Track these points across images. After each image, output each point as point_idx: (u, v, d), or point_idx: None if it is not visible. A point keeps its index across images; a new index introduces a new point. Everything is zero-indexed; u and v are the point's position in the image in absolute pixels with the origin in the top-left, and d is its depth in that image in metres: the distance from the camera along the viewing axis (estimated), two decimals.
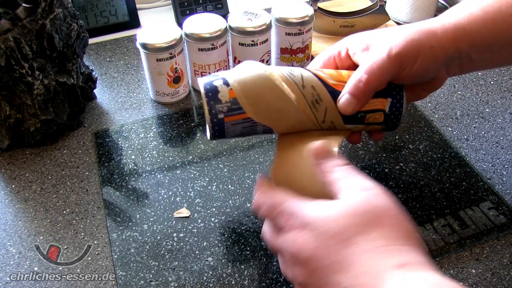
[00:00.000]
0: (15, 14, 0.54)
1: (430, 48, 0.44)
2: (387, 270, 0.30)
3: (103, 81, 0.73)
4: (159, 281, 0.47)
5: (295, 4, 0.68)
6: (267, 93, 0.43)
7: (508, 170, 0.57)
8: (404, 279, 0.29)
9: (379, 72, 0.43)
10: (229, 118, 0.43)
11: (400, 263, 0.31)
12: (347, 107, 0.43)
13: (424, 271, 0.31)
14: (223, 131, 0.44)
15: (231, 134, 0.44)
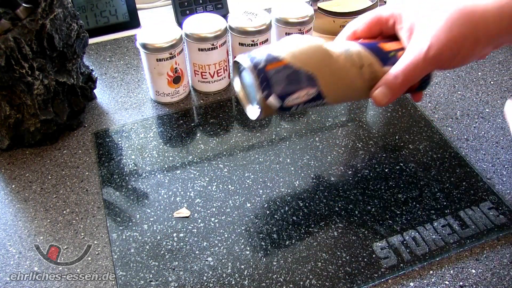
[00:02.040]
0: (15, 14, 0.54)
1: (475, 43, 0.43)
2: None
3: (103, 81, 0.73)
4: (159, 281, 0.47)
5: (295, 4, 0.68)
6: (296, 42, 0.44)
7: (508, 170, 0.57)
8: None
9: (414, 73, 0.44)
10: (270, 66, 0.43)
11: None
12: (382, 99, 0.46)
13: None
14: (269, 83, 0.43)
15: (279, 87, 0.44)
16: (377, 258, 0.48)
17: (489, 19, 0.42)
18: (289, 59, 0.43)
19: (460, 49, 0.43)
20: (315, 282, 0.46)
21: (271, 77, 0.43)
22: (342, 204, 0.54)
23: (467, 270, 0.47)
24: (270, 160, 0.59)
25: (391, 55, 0.46)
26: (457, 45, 0.43)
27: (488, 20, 0.42)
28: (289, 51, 0.44)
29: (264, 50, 0.45)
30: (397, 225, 0.51)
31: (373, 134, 0.62)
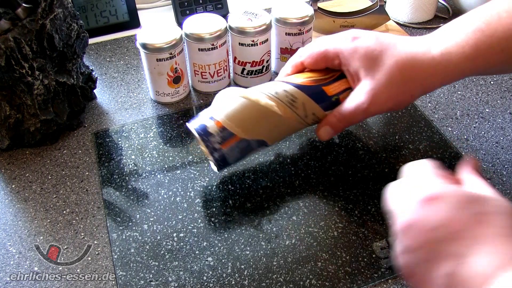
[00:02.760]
0: (15, 14, 0.54)
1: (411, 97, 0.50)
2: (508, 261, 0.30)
3: (103, 81, 0.73)
4: (159, 281, 0.47)
5: (295, 4, 0.68)
6: (247, 111, 0.49)
7: (508, 170, 0.57)
8: None
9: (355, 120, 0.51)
10: (224, 145, 0.49)
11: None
12: (325, 136, 0.52)
13: None
14: (225, 159, 0.50)
15: (233, 159, 0.51)
16: (377, 258, 0.48)
17: (429, 72, 0.47)
18: (242, 134, 0.49)
19: (397, 104, 0.50)
20: (315, 282, 0.46)
21: (227, 155, 0.50)
22: (342, 204, 0.54)
23: None
24: (270, 160, 0.59)
25: (334, 99, 0.51)
26: (394, 101, 0.49)
27: (428, 73, 0.47)
28: (239, 122, 0.49)
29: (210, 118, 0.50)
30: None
31: (373, 134, 0.62)
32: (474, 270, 0.30)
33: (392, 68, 0.47)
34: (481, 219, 0.32)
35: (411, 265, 0.34)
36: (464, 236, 0.32)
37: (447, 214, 0.33)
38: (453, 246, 0.32)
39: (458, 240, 0.32)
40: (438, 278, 0.32)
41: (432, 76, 0.47)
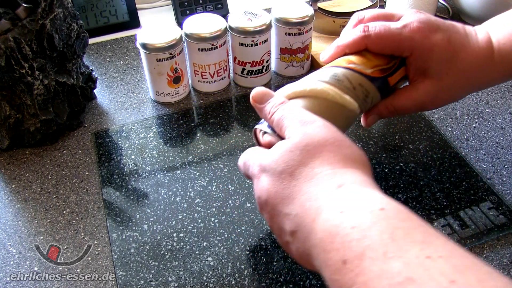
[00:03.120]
0: (15, 14, 0.54)
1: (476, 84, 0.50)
2: (326, 192, 0.33)
3: (103, 81, 0.73)
4: (159, 281, 0.47)
5: (295, 4, 0.68)
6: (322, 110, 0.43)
7: (508, 170, 0.57)
8: (340, 198, 0.32)
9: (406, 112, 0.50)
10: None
11: (337, 185, 0.33)
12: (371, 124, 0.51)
13: (358, 187, 0.33)
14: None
15: None
16: None
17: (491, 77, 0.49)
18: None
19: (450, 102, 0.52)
20: (315, 282, 0.46)
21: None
22: None
23: None
24: None
25: (392, 87, 0.48)
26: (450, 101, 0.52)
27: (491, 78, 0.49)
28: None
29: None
30: None
31: (373, 134, 0.62)
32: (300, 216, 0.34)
33: (460, 73, 0.47)
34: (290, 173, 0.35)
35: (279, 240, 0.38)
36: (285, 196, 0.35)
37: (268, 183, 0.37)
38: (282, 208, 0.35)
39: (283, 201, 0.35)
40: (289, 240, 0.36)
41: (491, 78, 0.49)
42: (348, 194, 0.32)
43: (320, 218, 0.32)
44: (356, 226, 0.29)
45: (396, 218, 0.29)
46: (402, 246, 0.27)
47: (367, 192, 0.32)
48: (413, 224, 0.29)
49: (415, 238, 0.27)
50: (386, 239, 0.27)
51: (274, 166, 0.36)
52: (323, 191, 0.33)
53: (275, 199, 0.36)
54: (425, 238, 0.27)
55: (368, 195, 0.32)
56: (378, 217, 0.29)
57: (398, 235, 0.27)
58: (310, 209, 0.33)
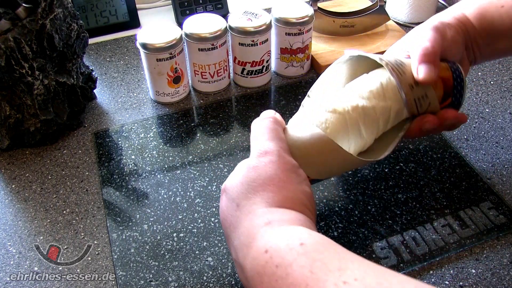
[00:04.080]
0: (15, 14, 0.54)
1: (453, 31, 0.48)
2: (255, 229, 0.35)
3: (103, 81, 0.73)
4: (159, 281, 0.47)
5: (295, 4, 0.68)
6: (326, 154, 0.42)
7: (508, 170, 0.57)
8: (266, 235, 0.34)
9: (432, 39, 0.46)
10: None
11: (265, 222, 0.35)
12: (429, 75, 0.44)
13: (284, 225, 0.35)
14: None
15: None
16: (377, 258, 0.48)
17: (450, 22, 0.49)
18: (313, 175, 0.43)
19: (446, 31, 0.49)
20: None
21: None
22: (342, 204, 0.54)
23: (467, 270, 0.47)
24: None
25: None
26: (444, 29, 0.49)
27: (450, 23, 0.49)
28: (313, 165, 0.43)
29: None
30: (397, 225, 0.51)
31: None
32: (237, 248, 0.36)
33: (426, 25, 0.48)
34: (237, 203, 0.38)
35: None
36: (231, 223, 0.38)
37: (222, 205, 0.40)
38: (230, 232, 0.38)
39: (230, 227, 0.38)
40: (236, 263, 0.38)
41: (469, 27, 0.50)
42: (273, 232, 0.34)
43: (249, 256, 0.34)
44: (279, 265, 0.31)
45: (314, 251, 0.31)
46: (320, 277, 0.29)
47: (290, 229, 0.34)
48: (329, 254, 0.31)
49: (332, 266, 0.30)
50: (306, 273, 0.30)
51: (227, 192, 0.40)
52: (254, 228, 0.36)
53: (225, 222, 0.39)
54: (341, 265, 0.30)
55: (291, 232, 0.34)
56: (298, 253, 0.31)
57: (316, 267, 0.30)
58: (243, 244, 0.36)
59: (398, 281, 0.28)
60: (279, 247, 0.33)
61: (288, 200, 0.38)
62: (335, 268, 0.30)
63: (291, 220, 0.36)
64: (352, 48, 0.77)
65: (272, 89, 0.71)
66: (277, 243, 0.33)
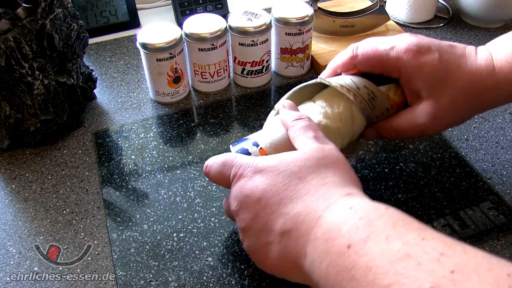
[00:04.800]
0: (15, 14, 0.54)
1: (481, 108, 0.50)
2: (336, 196, 0.35)
3: (103, 81, 0.73)
4: (159, 281, 0.47)
5: (295, 4, 0.68)
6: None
7: (508, 170, 0.57)
8: (349, 202, 0.35)
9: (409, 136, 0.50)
10: None
11: (347, 193, 0.36)
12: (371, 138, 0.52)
13: (365, 197, 0.36)
14: None
15: None
16: None
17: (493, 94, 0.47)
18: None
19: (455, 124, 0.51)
20: None
21: None
22: None
23: None
24: None
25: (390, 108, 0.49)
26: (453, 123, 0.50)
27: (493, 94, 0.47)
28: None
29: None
30: None
31: None
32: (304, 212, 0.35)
33: (457, 92, 0.46)
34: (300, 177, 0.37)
35: (253, 241, 0.39)
36: (286, 196, 0.37)
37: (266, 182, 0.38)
38: (279, 207, 0.37)
39: (282, 201, 0.37)
40: (275, 240, 0.37)
41: (495, 98, 0.47)
42: (356, 200, 0.35)
43: (328, 214, 0.34)
44: (363, 217, 0.32)
45: (397, 214, 0.33)
46: (402, 232, 0.30)
47: (371, 201, 0.35)
48: (411, 219, 0.32)
49: (413, 226, 0.31)
50: (388, 227, 0.31)
51: (281, 168, 0.38)
52: (333, 195, 0.36)
53: (272, 198, 0.37)
54: (421, 226, 0.31)
55: (373, 202, 0.35)
56: (383, 212, 0.33)
57: (399, 224, 0.31)
58: (317, 207, 0.35)
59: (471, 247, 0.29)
60: (365, 206, 0.34)
61: (354, 182, 0.39)
62: (416, 227, 0.31)
63: (365, 196, 0.37)
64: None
65: (272, 89, 0.71)
66: (361, 203, 0.34)
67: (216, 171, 0.42)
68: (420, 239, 0.29)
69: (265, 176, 0.38)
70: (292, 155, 0.39)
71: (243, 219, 0.39)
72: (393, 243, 0.29)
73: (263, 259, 0.39)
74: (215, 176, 0.43)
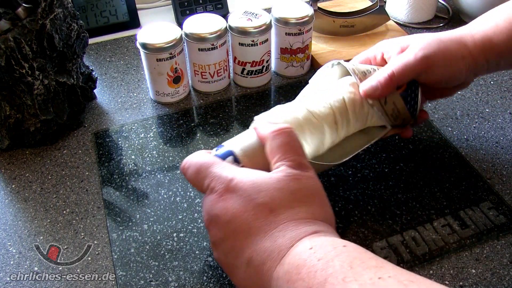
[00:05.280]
0: (15, 14, 0.54)
1: (462, 59, 0.50)
2: (301, 235, 0.35)
3: (103, 81, 0.73)
4: (159, 281, 0.47)
5: (295, 4, 0.68)
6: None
7: (508, 170, 0.57)
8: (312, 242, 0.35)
9: (403, 68, 0.49)
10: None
11: (313, 231, 0.36)
12: (371, 92, 0.49)
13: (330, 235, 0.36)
14: None
15: None
16: None
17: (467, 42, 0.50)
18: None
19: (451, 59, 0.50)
20: None
21: None
22: (342, 204, 0.54)
23: (467, 270, 0.47)
24: None
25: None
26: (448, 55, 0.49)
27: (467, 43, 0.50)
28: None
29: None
30: (397, 225, 0.51)
31: None
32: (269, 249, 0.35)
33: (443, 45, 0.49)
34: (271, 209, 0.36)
35: (221, 257, 0.39)
36: (255, 226, 0.36)
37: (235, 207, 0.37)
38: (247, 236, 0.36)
39: (250, 231, 0.36)
40: (241, 266, 0.37)
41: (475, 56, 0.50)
42: (319, 239, 0.35)
43: (291, 254, 0.34)
44: (321, 258, 0.33)
45: (355, 251, 0.33)
46: (358, 272, 0.31)
47: (335, 238, 0.36)
48: (368, 255, 0.33)
49: (370, 264, 0.32)
50: (345, 267, 0.31)
51: (253, 195, 0.37)
52: (300, 233, 0.36)
53: (241, 225, 0.37)
54: (378, 264, 0.32)
55: (335, 239, 0.36)
56: (341, 251, 0.33)
57: (355, 263, 0.32)
58: (282, 245, 0.35)
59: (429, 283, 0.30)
60: (324, 245, 0.34)
61: (327, 217, 0.39)
62: (372, 266, 0.31)
63: (334, 233, 0.37)
64: (352, 48, 0.77)
65: (272, 89, 0.71)
66: (322, 243, 0.34)
67: (191, 175, 0.41)
68: (376, 278, 0.30)
69: (235, 199, 0.37)
70: (266, 180, 0.38)
71: (213, 234, 0.39)
72: (350, 285, 0.30)
73: (231, 275, 0.39)
74: (190, 179, 0.42)
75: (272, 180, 0.38)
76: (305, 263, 0.33)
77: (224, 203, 0.37)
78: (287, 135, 0.40)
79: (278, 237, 0.36)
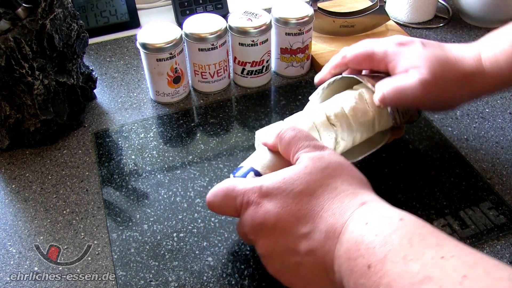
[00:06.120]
0: (15, 14, 0.55)
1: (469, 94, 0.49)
2: (351, 209, 0.35)
3: (103, 81, 0.73)
4: (159, 281, 0.47)
5: (295, 4, 0.68)
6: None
7: (508, 170, 0.57)
8: (365, 215, 0.34)
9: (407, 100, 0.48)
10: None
11: (360, 202, 0.36)
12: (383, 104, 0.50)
13: (378, 204, 0.36)
14: None
15: None
16: None
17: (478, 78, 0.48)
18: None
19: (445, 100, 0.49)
20: None
21: None
22: None
23: None
24: None
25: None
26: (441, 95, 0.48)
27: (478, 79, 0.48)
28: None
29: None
30: None
31: None
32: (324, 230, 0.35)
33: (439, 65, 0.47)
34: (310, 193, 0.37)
35: (277, 266, 0.39)
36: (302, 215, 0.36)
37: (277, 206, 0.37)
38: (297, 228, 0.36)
39: (299, 221, 0.36)
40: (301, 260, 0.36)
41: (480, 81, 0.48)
42: (371, 210, 0.35)
43: (347, 231, 0.34)
44: (378, 233, 0.32)
45: (413, 226, 0.32)
46: (419, 250, 0.30)
47: (386, 207, 0.36)
48: (427, 230, 0.32)
49: (430, 242, 0.31)
50: (405, 244, 0.31)
51: (289, 189, 0.37)
52: (348, 208, 0.36)
53: (288, 221, 0.37)
54: (439, 241, 0.31)
55: (388, 209, 0.35)
56: (397, 225, 0.32)
57: (415, 240, 0.31)
58: (335, 223, 0.35)
59: (493, 263, 0.29)
60: (379, 220, 0.33)
61: (362, 183, 0.39)
62: (433, 243, 0.30)
63: (380, 200, 0.37)
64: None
65: (272, 89, 0.72)
66: (377, 218, 0.34)
67: (220, 203, 0.41)
68: (439, 257, 0.29)
69: (273, 200, 0.37)
70: (294, 171, 0.38)
71: (262, 245, 0.39)
72: (412, 264, 0.29)
73: (293, 278, 0.38)
74: (220, 210, 0.42)
75: (300, 168, 0.38)
76: (363, 239, 0.32)
77: (264, 209, 0.38)
78: (291, 130, 0.42)
79: (328, 217, 0.36)
